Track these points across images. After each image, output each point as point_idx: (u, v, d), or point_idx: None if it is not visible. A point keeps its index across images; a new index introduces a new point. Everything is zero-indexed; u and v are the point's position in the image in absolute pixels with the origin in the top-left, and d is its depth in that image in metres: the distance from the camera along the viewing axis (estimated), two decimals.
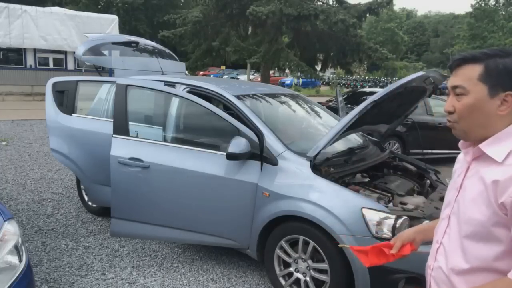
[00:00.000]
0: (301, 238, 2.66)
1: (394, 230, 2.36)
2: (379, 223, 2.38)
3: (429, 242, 1.42)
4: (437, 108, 7.39)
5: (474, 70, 1.13)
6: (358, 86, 29.07)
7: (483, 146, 1.14)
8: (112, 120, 3.20)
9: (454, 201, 1.22)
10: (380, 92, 2.60)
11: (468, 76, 1.14)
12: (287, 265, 2.82)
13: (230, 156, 2.73)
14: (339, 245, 1.68)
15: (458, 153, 1.34)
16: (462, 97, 1.15)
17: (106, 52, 4.43)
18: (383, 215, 2.40)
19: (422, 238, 1.47)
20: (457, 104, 1.16)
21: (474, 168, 1.18)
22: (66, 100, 4.09)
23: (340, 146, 3.23)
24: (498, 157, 1.10)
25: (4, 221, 1.98)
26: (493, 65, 1.12)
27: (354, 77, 31.76)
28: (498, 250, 1.09)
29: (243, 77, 27.32)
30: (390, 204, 2.71)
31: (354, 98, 8.49)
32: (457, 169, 1.29)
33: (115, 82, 3.29)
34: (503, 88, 1.11)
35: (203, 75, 29.06)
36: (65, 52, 17.98)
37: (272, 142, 2.86)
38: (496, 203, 1.07)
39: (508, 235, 1.06)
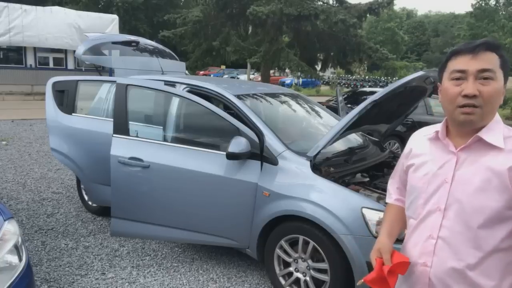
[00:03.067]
0: (301, 237, 2.66)
1: None
2: (379, 223, 2.38)
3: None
4: (437, 108, 7.39)
5: (495, 58, 1.17)
6: (358, 86, 29.05)
7: (483, 135, 1.18)
8: (112, 119, 3.20)
9: (447, 193, 1.21)
10: (380, 91, 2.60)
11: (494, 62, 1.17)
12: (287, 264, 2.82)
13: (230, 156, 2.73)
14: (357, 283, 1.49)
15: None
16: (490, 82, 1.16)
17: (106, 52, 4.43)
18: (383, 214, 2.39)
19: (393, 241, 1.42)
20: (483, 88, 1.15)
21: (469, 157, 1.20)
22: (66, 99, 4.09)
23: (340, 146, 3.23)
24: (500, 144, 1.15)
25: (4, 220, 1.98)
26: (505, 56, 1.18)
27: (354, 76, 31.72)
28: (507, 229, 1.14)
29: (243, 77, 27.32)
30: None
31: (354, 98, 8.49)
32: (430, 161, 1.28)
33: (115, 81, 3.29)
34: (506, 79, 1.19)
35: (203, 74, 29.07)
36: (65, 52, 17.99)
37: (272, 141, 2.86)
38: None
39: None
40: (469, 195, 1.17)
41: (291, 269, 2.78)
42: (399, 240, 1.46)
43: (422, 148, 1.33)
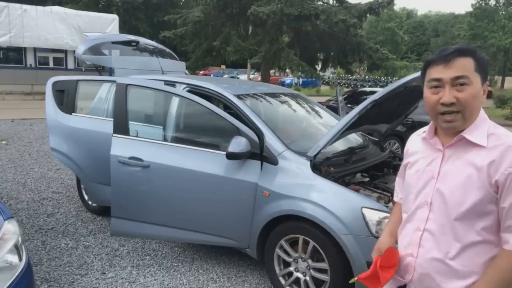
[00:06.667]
0: (301, 237, 2.66)
1: None
2: (379, 223, 2.38)
3: None
4: None
5: (470, 62, 1.22)
6: (358, 86, 29.04)
7: (466, 134, 1.24)
8: (112, 119, 3.20)
9: (433, 188, 1.29)
10: (380, 91, 2.60)
11: (468, 67, 1.22)
12: (287, 264, 2.82)
13: (230, 156, 2.73)
14: (349, 281, 1.58)
15: None
16: (466, 87, 1.21)
17: (106, 52, 4.43)
18: (383, 214, 2.40)
19: (395, 241, 1.51)
20: (460, 94, 1.21)
21: (453, 154, 1.27)
22: (66, 99, 4.09)
23: (340, 145, 3.23)
24: (482, 141, 1.21)
25: (4, 220, 1.98)
26: (481, 58, 1.23)
27: (354, 76, 31.73)
28: (487, 223, 1.20)
29: (243, 77, 27.31)
30: (390, 204, 2.71)
31: (354, 98, 8.49)
32: (421, 159, 1.36)
33: (115, 81, 3.29)
34: (485, 79, 1.25)
35: (203, 74, 29.07)
36: (65, 51, 18.00)
37: (272, 141, 2.86)
38: (489, 183, 1.18)
39: (495, 210, 1.19)
40: (451, 189, 1.24)
41: (291, 269, 2.78)
42: None
43: (416, 147, 1.42)
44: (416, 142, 1.44)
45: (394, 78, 30.95)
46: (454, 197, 1.23)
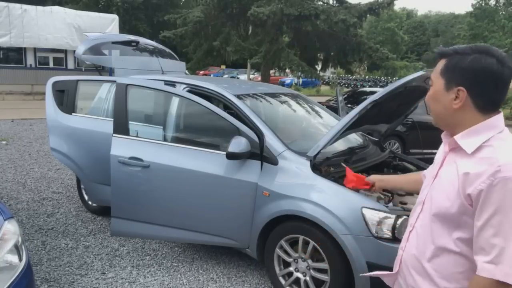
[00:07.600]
0: (301, 237, 2.66)
1: (394, 230, 2.36)
2: (379, 223, 2.38)
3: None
4: None
5: (440, 65, 1.25)
6: (358, 86, 29.03)
7: (457, 137, 1.22)
8: (112, 119, 3.20)
9: (429, 188, 1.31)
10: (380, 91, 2.59)
11: (436, 70, 1.25)
12: (287, 264, 2.82)
13: (230, 156, 2.73)
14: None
15: None
16: (430, 88, 1.28)
17: (106, 52, 4.43)
18: (383, 215, 2.40)
19: (380, 185, 1.87)
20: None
21: (451, 158, 1.26)
22: (66, 99, 4.09)
23: (340, 145, 3.23)
24: (468, 148, 1.17)
25: (4, 220, 1.98)
26: (452, 61, 1.21)
27: (354, 76, 31.71)
28: (463, 235, 1.17)
29: (243, 77, 27.31)
30: (390, 204, 2.70)
31: (354, 98, 8.48)
32: (436, 159, 1.38)
33: (115, 81, 3.29)
34: (456, 83, 1.19)
35: (203, 74, 29.07)
36: (65, 51, 18.00)
37: (272, 141, 2.86)
38: (463, 193, 1.14)
39: (472, 224, 1.14)
40: (437, 192, 1.25)
41: (291, 269, 2.78)
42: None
43: (440, 149, 1.42)
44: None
45: (394, 78, 30.93)
46: (436, 200, 1.24)
